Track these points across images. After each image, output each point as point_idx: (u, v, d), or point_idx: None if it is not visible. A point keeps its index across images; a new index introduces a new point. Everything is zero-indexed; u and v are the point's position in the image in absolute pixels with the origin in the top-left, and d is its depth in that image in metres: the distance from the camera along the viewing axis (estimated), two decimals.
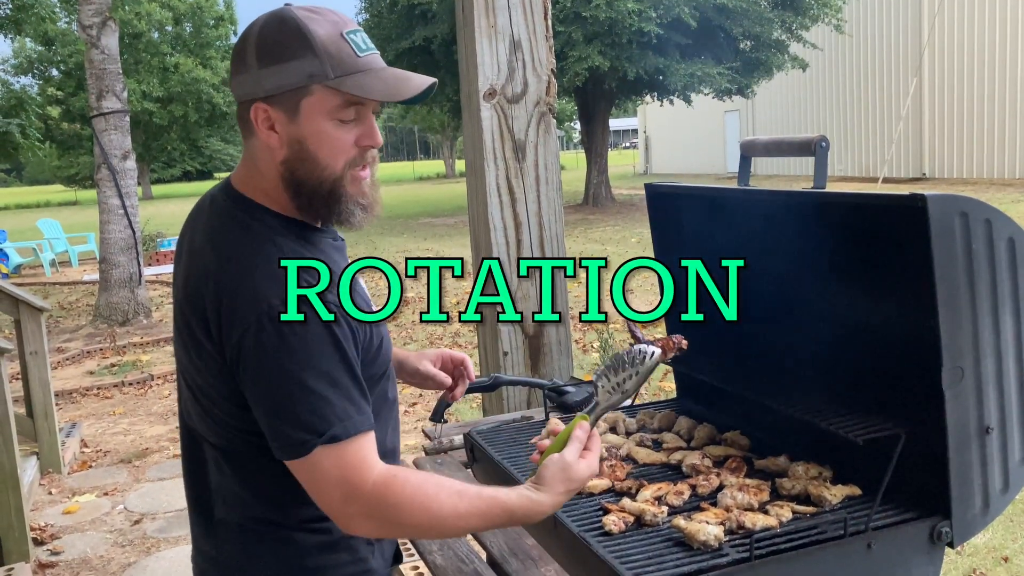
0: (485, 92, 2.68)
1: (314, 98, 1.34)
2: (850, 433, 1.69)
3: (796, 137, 1.95)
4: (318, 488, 1.33)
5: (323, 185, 1.39)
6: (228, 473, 1.48)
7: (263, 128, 1.37)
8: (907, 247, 1.60)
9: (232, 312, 1.31)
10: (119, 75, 9.93)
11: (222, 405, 1.42)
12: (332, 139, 1.36)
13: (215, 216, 1.46)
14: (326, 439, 1.29)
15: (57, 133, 35.25)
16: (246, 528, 1.49)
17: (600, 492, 1.88)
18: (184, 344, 1.45)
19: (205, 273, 1.37)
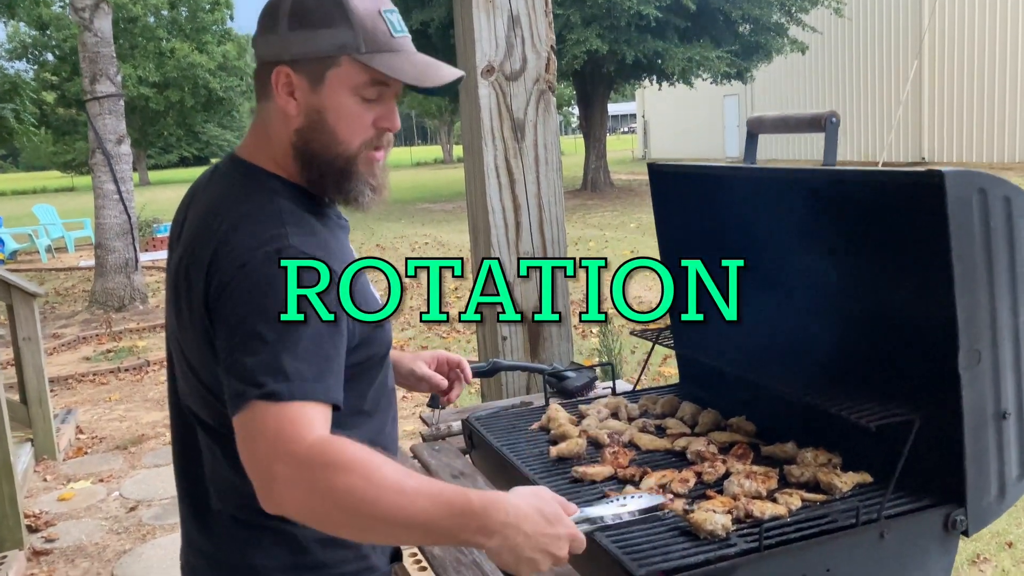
0: (483, 69, 2.61)
1: (341, 70, 1.31)
2: (862, 418, 1.63)
3: (805, 113, 1.88)
4: (245, 445, 1.17)
5: (336, 160, 1.35)
6: (220, 458, 1.41)
7: (283, 93, 1.33)
8: (923, 225, 1.54)
9: (219, 263, 1.26)
10: (113, 59, 9.83)
11: (211, 376, 1.34)
12: (352, 115, 1.33)
13: (217, 183, 1.42)
14: (263, 394, 1.15)
15: (53, 118, 34.98)
16: (241, 520, 1.42)
17: (602, 479, 1.83)
18: (177, 312, 1.38)
19: (207, 234, 1.31)
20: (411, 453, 2.33)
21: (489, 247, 2.74)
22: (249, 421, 1.16)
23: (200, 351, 1.34)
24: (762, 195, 1.95)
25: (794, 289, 1.96)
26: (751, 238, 2.04)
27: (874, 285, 1.72)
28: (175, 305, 1.40)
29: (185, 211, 1.46)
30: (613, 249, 12.87)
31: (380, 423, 1.50)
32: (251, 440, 1.17)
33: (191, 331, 1.35)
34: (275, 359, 1.17)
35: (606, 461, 1.87)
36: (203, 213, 1.37)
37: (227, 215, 1.31)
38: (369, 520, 1.14)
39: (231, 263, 1.24)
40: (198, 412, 1.42)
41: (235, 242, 1.26)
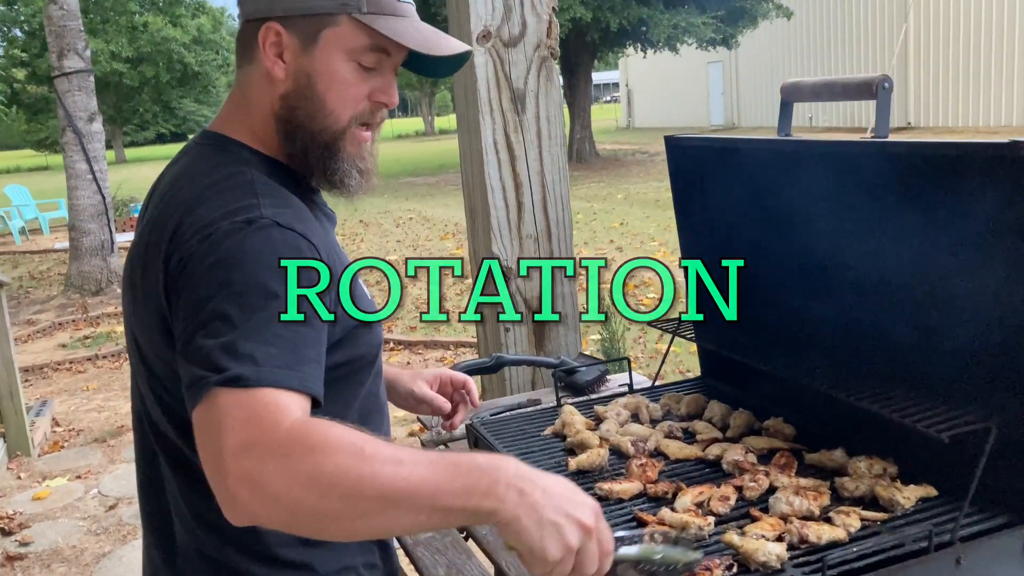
0: (479, 34, 2.36)
1: (339, 30, 1.17)
2: (931, 427, 1.43)
3: (852, 77, 1.66)
4: (205, 442, 0.96)
5: (322, 135, 1.19)
6: (182, 482, 1.20)
7: (270, 52, 1.18)
8: (998, 204, 1.33)
9: (180, 236, 1.08)
10: (81, 32, 9.44)
11: (168, 373, 1.13)
12: (345, 83, 1.18)
13: (184, 157, 1.26)
14: (226, 379, 0.95)
15: (24, 96, 34.27)
16: (209, 558, 1.21)
17: (631, 498, 1.62)
18: (133, 300, 1.19)
19: (169, 209, 1.14)
20: None
21: (488, 229, 2.52)
22: (209, 411, 0.95)
23: (155, 343, 1.14)
24: (802, 171, 1.72)
25: (835, 276, 1.75)
26: (786, 218, 1.82)
27: (939, 273, 1.50)
28: (130, 292, 1.20)
29: (152, 192, 1.29)
30: (602, 222, 12.66)
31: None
32: (212, 434, 0.95)
33: (146, 319, 1.15)
34: (241, 341, 0.98)
35: (633, 475, 1.67)
36: (166, 188, 1.21)
37: (191, 187, 1.15)
38: (365, 503, 0.93)
39: (193, 235, 1.06)
40: (157, 422, 1.21)
41: (199, 212, 1.08)
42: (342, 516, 0.94)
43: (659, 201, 14.40)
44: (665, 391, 2.17)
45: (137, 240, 1.21)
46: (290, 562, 1.20)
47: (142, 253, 1.17)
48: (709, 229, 2.07)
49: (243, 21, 1.22)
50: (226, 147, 1.21)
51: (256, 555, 1.19)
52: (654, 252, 10.03)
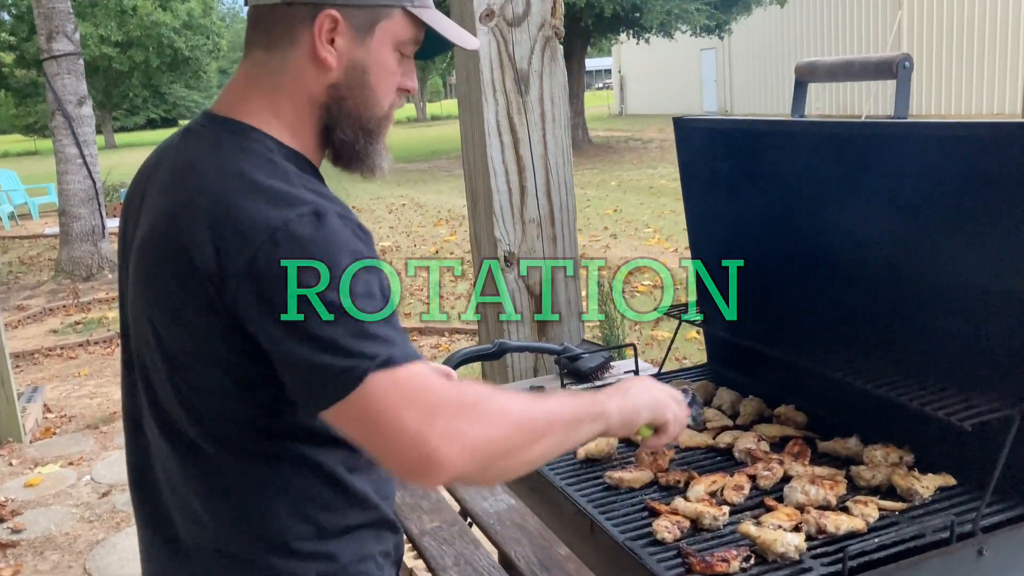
0: (482, 14, 2.31)
1: (392, 22, 1.17)
2: (952, 415, 1.39)
3: (870, 56, 1.61)
4: (383, 419, 0.99)
5: (369, 122, 1.20)
6: (196, 477, 1.16)
7: (323, 40, 1.14)
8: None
9: (233, 235, 1.03)
10: (70, 15, 9.31)
11: (214, 372, 1.10)
12: (391, 73, 1.20)
13: (194, 142, 1.18)
14: (380, 363, 0.99)
15: (12, 80, 33.90)
16: (229, 553, 1.18)
17: (642, 487, 1.59)
18: (155, 298, 1.12)
19: (195, 202, 1.08)
20: None
21: (491, 213, 2.47)
22: (373, 394, 0.99)
23: (193, 338, 1.09)
24: (817, 152, 1.68)
25: (848, 260, 1.71)
26: (799, 201, 1.78)
27: (960, 258, 1.46)
28: (145, 286, 1.14)
29: (149, 176, 1.21)
30: (595, 208, 12.61)
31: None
32: (387, 413, 0.99)
33: (179, 315, 1.09)
34: (370, 327, 1.01)
35: (643, 464, 1.63)
36: (180, 176, 1.14)
37: (220, 178, 1.09)
38: (538, 428, 1.10)
39: (259, 231, 1.02)
40: (171, 416, 1.16)
41: (251, 207, 1.04)
42: (524, 446, 1.07)
43: (653, 188, 14.35)
44: (672, 378, 2.13)
45: (149, 231, 1.13)
46: (311, 554, 1.17)
47: (160, 247, 1.10)
48: (718, 213, 2.03)
49: (281, 3, 1.15)
50: (246, 134, 1.15)
51: (279, 548, 1.16)
52: (648, 239, 10.00)
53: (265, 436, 1.14)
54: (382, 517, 1.23)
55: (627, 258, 8.98)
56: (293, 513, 1.15)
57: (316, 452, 1.15)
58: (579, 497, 1.56)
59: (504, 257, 2.51)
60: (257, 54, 1.19)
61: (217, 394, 1.11)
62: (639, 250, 9.45)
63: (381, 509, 1.23)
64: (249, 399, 1.11)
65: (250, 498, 1.15)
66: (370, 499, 1.21)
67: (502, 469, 1.08)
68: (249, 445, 1.14)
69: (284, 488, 1.15)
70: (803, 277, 1.85)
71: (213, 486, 1.16)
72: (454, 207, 13.74)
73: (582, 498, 1.56)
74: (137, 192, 1.22)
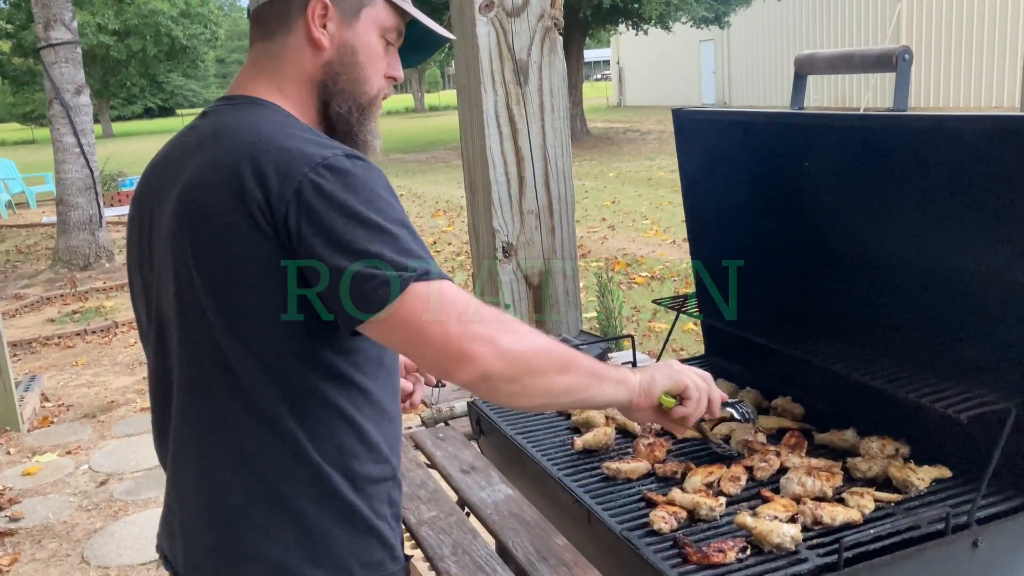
0: (481, 4, 2.30)
1: (376, 8, 1.32)
2: (949, 408, 1.40)
3: (871, 49, 1.62)
4: (424, 321, 1.09)
5: (362, 98, 1.33)
6: (258, 425, 1.20)
7: (316, 24, 1.28)
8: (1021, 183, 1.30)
9: (277, 169, 1.13)
10: (67, 3, 9.26)
11: (254, 307, 1.16)
12: (378, 56, 1.33)
13: (220, 114, 1.28)
14: (420, 274, 1.10)
15: (9, 69, 33.76)
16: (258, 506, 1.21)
17: (639, 477, 1.59)
18: (192, 250, 1.17)
19: (227, 150, 1.17)
20: (412, 442, 2.07)
21: (489, 204, 2.47)
22: (416, 298, 1.09)
23: (251, 271, 1.15)
24: (815, 144, 1.68)
25: (848, 254, 1.71)
26: (798, 194, 1.78)
27: (957, 249, 1.47)
28: (195, 233, 1.17)
29: (167, 157, 1.30)
30: (593, 200, 12.60)
31: (392, 385, 1.33)
32: (431, 314, 1.10)
33: (234, 253, 1.15)
34: (411, 246, 1.12)
35: (640, 455, 1.64)
36: (213, 138, 1.22)
37: (256, 131, 1.19)
38: (558, 360, 1.19)
39: (301, 166, 1.13)
40: (235, 369, 1.18)
41: (291, 148, 1.15)
42: (549, 371, 1.17)
43: (651, 180, 14.34)
44: None
45: (188, 184, 1.19)
46: (340, 503, 1.22)
47: (206, 190, 1.16)
48: (717, 205, 2.03)
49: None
50: (266, 105, 1.27)
51: (314, 497, 1.21)
52: (646, 230, 10.00)
53: (305, 370, 1.18)
54: (394, 472, 1.30)
55: (625, 249, 8.98)
56: (327, 459, 1.20)
57: (339, 396, 1.21)
58: (576, 488, 1.56)
59: (502, 248, 2.52)
60: (259, 45, 1.33)
61: (262, 322, 1.16)
62: (637, 242, 9.45)
63: (391, 463, 1.29)
64: (294, 323, 1.16)
65: (292, 441, 1.19)
66: (383, 451, 1.27)
67: (527, 386, 1.15)
68: (290, 380, 1.18)
69: (317, 432, 1.20)
70: (801, 269, 1.86)
71: (253, 436, 1.19)
72: (452, 198, 13.73)
73: (579, 489, 1.56)
74: (156, 174, 1.29)
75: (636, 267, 8.19)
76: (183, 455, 1.27)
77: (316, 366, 1.19)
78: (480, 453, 2.00)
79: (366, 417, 1.24)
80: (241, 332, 1.17)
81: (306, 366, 1.19)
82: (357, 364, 1.23)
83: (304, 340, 1.18)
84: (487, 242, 2.56)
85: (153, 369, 1.31)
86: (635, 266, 8.23)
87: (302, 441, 1.19)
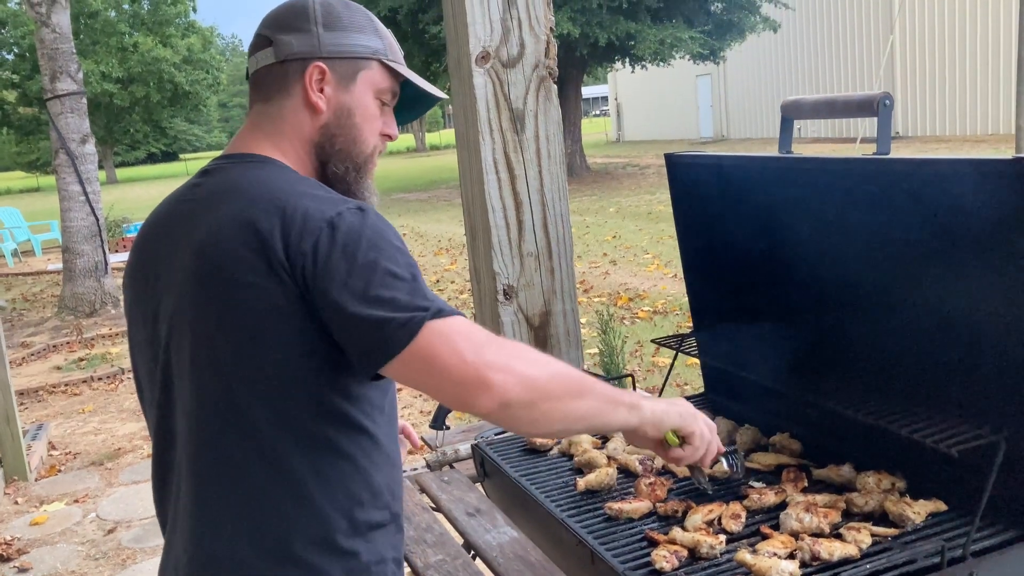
0: (477, 56, 2.38)
1: (372, 72, 1.37)
2: (940, 442, 1.43)
3: (853, 95, 1.67)
4: (443, 354, 1.13)
5: (358, 158, 1.38)
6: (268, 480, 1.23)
7: (314, 87, 1.34)
8: (1006, 220, 1.34)
9: (294, 226, 1.18)
10: (73, 55, 9.44)
11: (271, 358, 1.20)
12: (373, 117, 1.39)
13: (229, 172, 1.32)
14: (433, 313, 1.14)
15: (14, 118, 34.13)
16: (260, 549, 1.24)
17: (640, 517, 1.62)
18: (211, 305, 1.21)
19: (244, 207, 1.22)
20: (417, 485, 2.10)
21: (489, 248, 2.52)
22: (433, 336, 1.13)
23: (269, 326, 1.19)
24: (805, 188, 1.74)
25: (839, 291, 1.76)
26: (789, 235, 1.83)
27: (945, 288, 1.51)
28: (212, 289, 1.21)
29: (171, 212, 1.33)
30: (594, 235, 12.68)
31: (393, 430, 1.36)
32: (446, 349, 1.13)
33: (258, 310, 1.19)
34: (421, 289, 1.17)
35: (642, 494, 1.67)
36: (225, 195, 1.26)
37: (269, 189, 1.24)
38: (574, 386, 1.20)
39: (318, 222, 1.18)
40: (255, 423, 1.21)
41: (307, 205, 1.20)
42: (566, 397, 1.18)
43: (651, 214, 14.44)
44: None
45: (204, 241, 1.22)
46: (342, 550, 1.25)
47: (223, 248, 1.20)
48: (712, 245, 2.08)
49: (276, 62, 1.34)
50: (272, 162, 1.32)
51: (317, 542, 1.24)
52: (647, 265, 10.06)
53: (317, 417, 1.22)
54: (395, 517, 1.33)
55: (627, 284, 9.03)
56: (334, 505, 1.24)
57: (348, 443, 1.25)
58: (579, 528, 1.59)
59: (503, 290, 2.56)
60: (258, 107, 1.38)
61: (279, 372, 1.20)
62: (638, 276, 9.50)
63: (392, 508, 1.32)
64: (309, 372, 1.21)
65: (300, 489, 1.22)
66: (385, 496, 1.30)
67: (546, 412, 1.17)
68: (302, 428, 1.22)
69: (327, 478, 1.23)
70: (795, 309, 1.90)
71: (262, 485, 1.23)
72: (454, 236, 13.82)
73: (582, 529, 1.59)
74: (162, 232, 1.32)
75: (638, 302, 8.23)
76: (189, 505, 1.29)
77: (328, 413, 1.23)
78: (484, 495, 2.03)
79: (372, 463, 1.28)
80: (257, 383, 1.21)
81: (319, 413, 1.23)
82: (364, 411, 1.27)
83: (317, 388, 1.22)
84: (488, 285, 2.60)
85: (156, 422, 1.33)
86: (637, 301, 8.27)
87: (311, 489, 1.23)
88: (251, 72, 1.39)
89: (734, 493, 1.68)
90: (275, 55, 1.34)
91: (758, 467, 1.77)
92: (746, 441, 1.89)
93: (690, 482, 1.75)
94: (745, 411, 2.06)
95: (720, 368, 2.16)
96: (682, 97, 33.04)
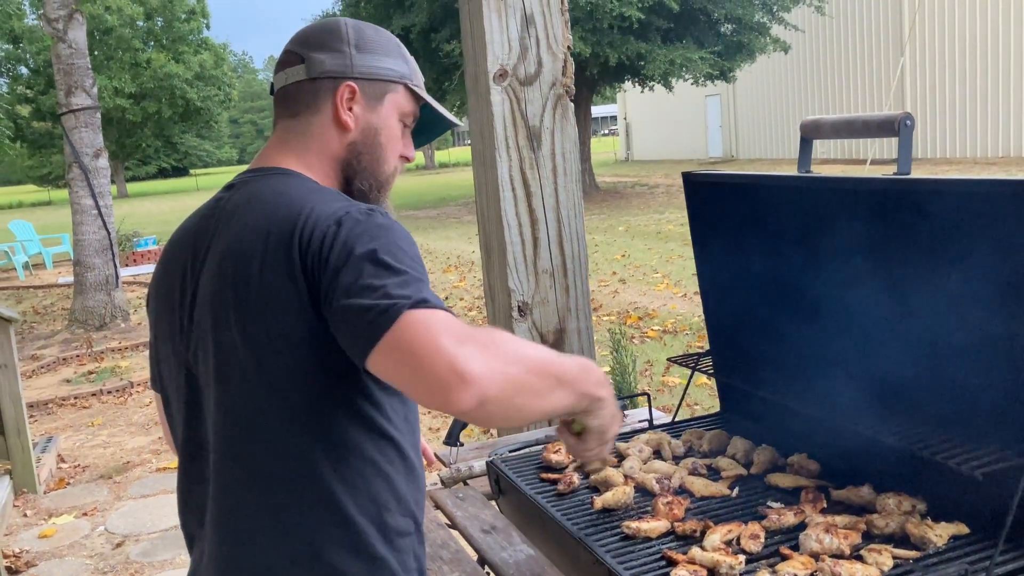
0: (495, 73, 2.39)
1: (398, 95, 1.42)
2: (964, 464, 1.42)
3: (873, 115, 1.67)
4: (419, 344, 1.09)
5: (380, 176, 1.43)
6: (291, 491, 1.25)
7: (344, 106, 1.37)
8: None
9: (309, 228, 1.21)
10: (88, 70, 9.52)
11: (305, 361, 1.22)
12: (397, 138, 1.44)
13: (246, 187, 1.34)
14: (415, 302, 1.11)
15: (28, 132, 34.45)
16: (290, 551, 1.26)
17: (658, 536, 1.61)
18: (249, 299, 1.23)
19: (268, 215, 1.25)
20: (432, 502, 2.10)
21: (504, 264, 2.52)
22: (412, 325, 1.10)
23: (286, 323, 1.21)
24: (825, 207, 1.74)
25: (859, 312, 1.75)
26: (807, 254, 1.83)
27: (968, 309, 1.50)
28: (239, 293, 1.23)
29: (198, 227, 1.36)
30: (604, 254, 12.68)
31: (416, 439, 1.38)
32: (424, 337, 1.09)
33: (274, 306, 1.21)
34: (412, 281, 1.15)
35: (660, 513, 1.66)
36: (249, 206, 1.30)
37: (290, 198, 1.27)
38: (549, 380, 1.17)
39: (327, 220, 1.21)
40: (274, 431, 1.23)
41: (322, 208, 1.23)
42: (538, 390, 1.14)
43: (660, 233, 14.44)
44: (686, 427, 2.16)
45: (228, 248, 1.26)
46: (371, 556, 1.26)
47: (246, 257, 1.23)
48: (729, 264, 2.07)
49: (308, 79, 1.37)
50: (294, 174, 1.35)
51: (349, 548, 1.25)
52: (657, 284, 10.05)
53: (342, 422, 1.23)
54: (418, 526, 1.34)
55: (636, 303, 9.02)
56: (361, 511, 1.24)
57: (373, 449, 1.25)
58: (597, 547, 1.58)
59: (518, 307, 2.56)
60: (284, 122, 1.41)
61: (303, 377, 1.21)
62: (648, 295, 9.48)
63: (415, 516, 1.33)
64: (331, 376, 1.21)
65: (328, 495, 1.23)
66: (409, 504, 1.31)
67: (521, 405, 1.14)
68: (328, 433, 1.23)
69: (353, 484, 1.24)
70: (813, 328, 1.89)
71: (291, 492, 1.24)
72: (463, 253, 13.84)
73: (600, 548, 1.58)
74: (188, 247, 1.34)
75: (648, 321, 8.21)
76: (217, 514, 1.29)
77: (353, 419, 1.24)
78: (500, 513, 2.02)
79: (396, 470, 1.29)
80: (282, 389, 1.22)
81: (344, 419, 1.23)
82: (388, 417, 1.28)
83: (342, 393, 1.23)
84: (503, 301, 2.61)
85: (182, 432, 1.35)
86: (647, 320, 8.26)
87: (339, 495, 1.23)
88: (278, 88, 1.41)
89: (753, 513, 1.66)
90: (307, 72, 1.37)
91: (776, 486, 1.76)
92: (763, 461, 1.88)
93: (709, 501, 1.74)
94: (761, 431, 2.05)
95: (736, 387, 2.15)
96: (691, 117, 33.12)
